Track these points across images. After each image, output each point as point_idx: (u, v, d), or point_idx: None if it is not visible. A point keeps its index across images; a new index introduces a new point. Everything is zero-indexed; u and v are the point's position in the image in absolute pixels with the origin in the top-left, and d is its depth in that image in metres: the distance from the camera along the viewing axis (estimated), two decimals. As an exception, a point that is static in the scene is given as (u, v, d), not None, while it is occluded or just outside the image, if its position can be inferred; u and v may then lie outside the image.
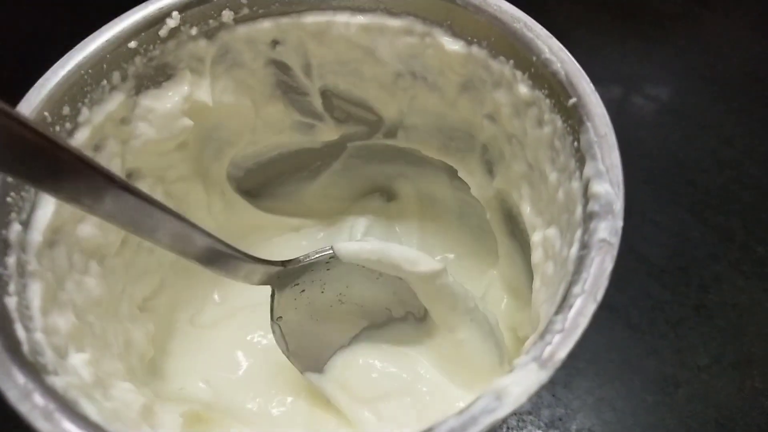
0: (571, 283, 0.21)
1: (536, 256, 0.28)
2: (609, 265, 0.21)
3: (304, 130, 0.37)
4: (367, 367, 0.34)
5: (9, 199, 0.24)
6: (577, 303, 0.20)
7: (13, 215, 0.24)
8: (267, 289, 0.38)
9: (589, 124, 0.24)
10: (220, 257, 0.27)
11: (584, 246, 0.22)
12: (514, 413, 0.19)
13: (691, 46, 0.55)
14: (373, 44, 0.32)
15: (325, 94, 0.35)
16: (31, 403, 0.19)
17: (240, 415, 0.33)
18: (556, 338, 0.19)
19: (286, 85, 0.34)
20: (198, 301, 0.38)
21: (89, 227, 0.28)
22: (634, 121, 0.51)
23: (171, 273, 0.36)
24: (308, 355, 0.34)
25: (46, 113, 0.26)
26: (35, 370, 0.20)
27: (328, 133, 0.37)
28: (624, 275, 0.20)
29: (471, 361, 0.32)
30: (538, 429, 0.38)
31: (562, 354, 0.19)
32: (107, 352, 0.27)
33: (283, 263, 0.31)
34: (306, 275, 0.32)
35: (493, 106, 0.30)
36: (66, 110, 0.27)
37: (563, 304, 0.20)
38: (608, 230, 0.21)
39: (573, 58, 0.26)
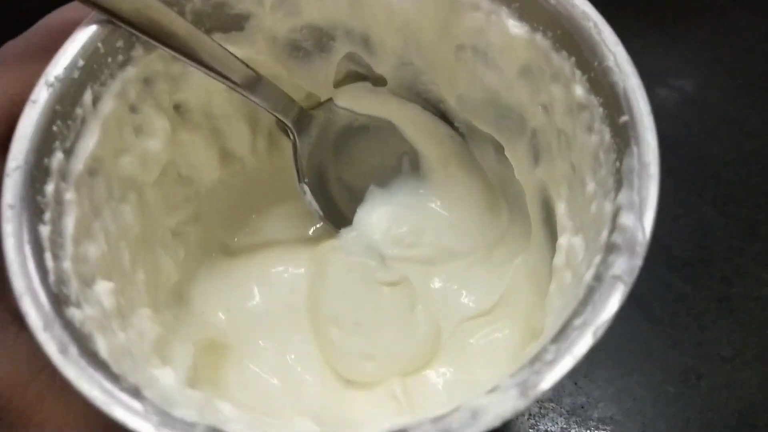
0: (575, 313, 0.20)
1: (558, 259, 0.28)
2: (616, 305, 0.20)
3: None
4: (391, 216, 0.38)
5: (54, 128, 0.25)
6: (573, 337, 0.20)
7: (57, 143, 0.25)
8: (300, 226, 0.40)
9: (635, 149, 0.23)
10: (255, 80, 0.31)
11: (598, 277, 0.21)
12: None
13: (715, 39, 0.54)
14: (442, 17, 0.30)
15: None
16: (51, 333, 0.21)
17: (254, 354, 0.34)
18: (544, 368, 0.19)
19: None
20: (233, 229, 0.39)
21: (130, 158, 0.29)
22: (657, 114, 0.52)
23: (207, 202, 0.37)
24: (336, 215, 0.37)
25: (99, 44, 0.27)
26: (58, 301, 0.22)
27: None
28: (646, 267, 0.21)
29: (465, 189, 0.38)
30: (560, 416, 0.39)
31: (546, 386, 0.19)
32: (133, 279, 0.29)
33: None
34: (315, 132, 0.35)
35: (549, 97, 0.29)
36: (120, 43, 0.27)
37: (560, 335, 0.20)
38: (624, 268, 0.21)
39: (637, 74, 0.24)
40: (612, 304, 0.20)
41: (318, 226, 0.40)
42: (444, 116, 0.38)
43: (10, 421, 0.23)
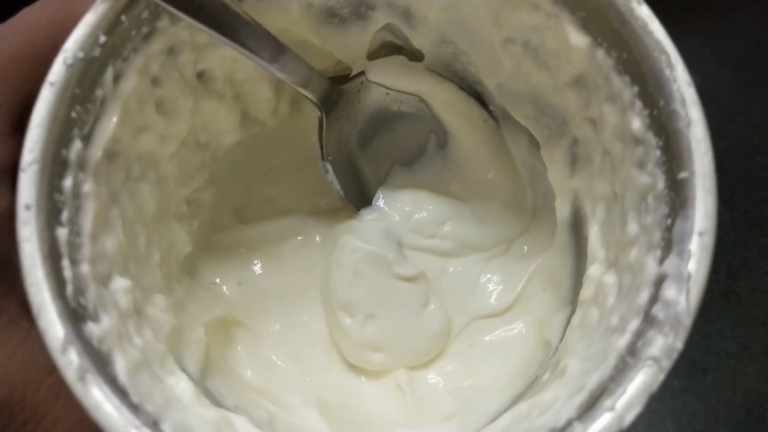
0: (605, 389, 0.20)
1: (586, 292, 0.27)
2: (652, 388, 0.20)
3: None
4: (413, 199, 0.36)
5: (74, 114, 0.23)
6: (603, 420, 0.19)
7: (76, 131, 0.23)
8: (316, 194, 0.38)
9: (690, 211, 0.21)
10: (283, 54, 0.29)
11: (632, 351, 0.20)
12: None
13: (721, 31, 0.53)
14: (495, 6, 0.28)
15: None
16: (67, 359, 0.20)
17: (263, 331, 0.34)
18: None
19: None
20: (247, 191, 0.38)
21: (150, 135, 0.28)
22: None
23: (224, 164, 0.36)
24: (357, 193, 0.36)
25: (123, 17, 0.24)
26: (76, 317, 0.21)
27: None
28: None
29: (492, 177, 0.36)
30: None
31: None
32: (148, 263, 0.28)
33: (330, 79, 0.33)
34: (343, 108, 0.34)
35: (599, 115, 0.27)
36: (145, 14, 0.25)
37: (587, 413, 0.20)
38: (663, 349, 0.20)
39: (705, 121, 0.22)
40: (647, 387, 0.20)
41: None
42: (479, 97, 0.36)
43: (24, 419, 0.23)
